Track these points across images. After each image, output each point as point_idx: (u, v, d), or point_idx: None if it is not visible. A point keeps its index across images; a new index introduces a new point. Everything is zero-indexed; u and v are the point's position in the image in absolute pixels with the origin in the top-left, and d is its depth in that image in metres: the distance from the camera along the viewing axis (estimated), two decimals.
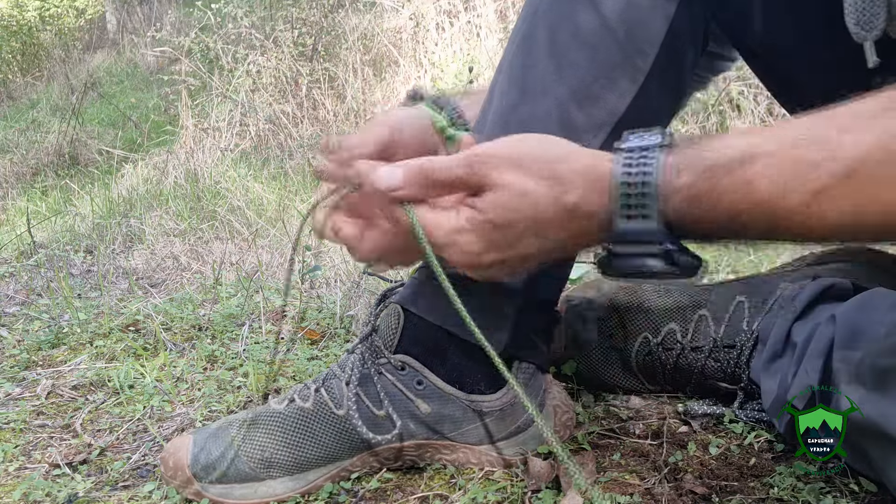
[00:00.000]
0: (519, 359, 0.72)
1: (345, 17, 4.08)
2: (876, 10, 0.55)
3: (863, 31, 0.56)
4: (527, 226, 0.49)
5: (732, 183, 0.44)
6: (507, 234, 0.50)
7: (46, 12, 7.81)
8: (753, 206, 0.44)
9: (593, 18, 0.63)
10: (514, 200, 0.49)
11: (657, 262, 0.48)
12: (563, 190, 0.48)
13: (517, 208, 0.49)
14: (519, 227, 0.50)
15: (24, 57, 7.32)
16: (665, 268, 0.48)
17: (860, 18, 0.56)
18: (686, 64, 0.68)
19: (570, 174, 0.49)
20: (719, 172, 0.44)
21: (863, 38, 0.56)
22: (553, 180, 0.48)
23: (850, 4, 0.56)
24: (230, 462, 0.69)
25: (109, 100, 5.35)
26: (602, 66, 0.63)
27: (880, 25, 0.55)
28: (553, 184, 0.48)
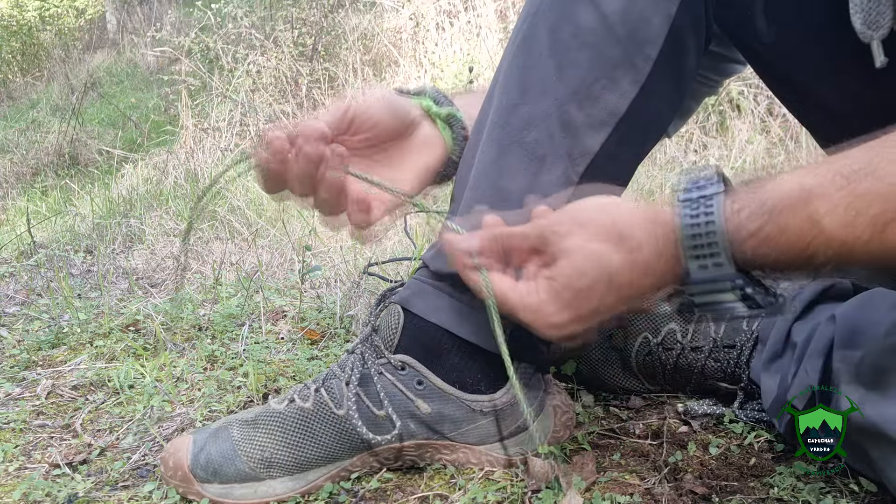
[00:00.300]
0: (519, 359, 0.72)
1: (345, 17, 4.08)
2: (882, 8, 0.55)
3: (869, 31, 0.56)
4: (604, 287, 0.52)
5: (800, 224, 0.46)
6: (587, 297, 0.52)
7: (46, 12, 7.81)
8: (823, 243, 0.46)
9: (594, 18, 0.63)
10: (587, 265, 0.52)
11: (738, 305, 0.50)
12: (632, 247, 0.51)
13: (591, 272, 0.51)
14: (597, 289, 0.52)
15: (24, 57, 7.32)
16: (747, 311, 0.50)
17: (867, 18, 0.56)
18: (688, 64, 0.68)
19: (634, 231, 0.51)
20: (785, 214, 0.46)
21: (869, 37, 0.56)
22: (620, 239, 0.51)
23: (855, 4, 0.56)
24: (230, 462, 0.69)
25: (109, 100, 5.35)
26: (603, 66, 0.63)
27: (887, 24, 0.55)
28: (621, 243, 0.51)
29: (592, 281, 0.52)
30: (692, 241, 0.48)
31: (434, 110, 0.74)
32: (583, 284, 0.52)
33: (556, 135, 0.65)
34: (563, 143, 0.65)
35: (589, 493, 0.66)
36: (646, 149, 0.72)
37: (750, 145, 2.77)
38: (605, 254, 0.51)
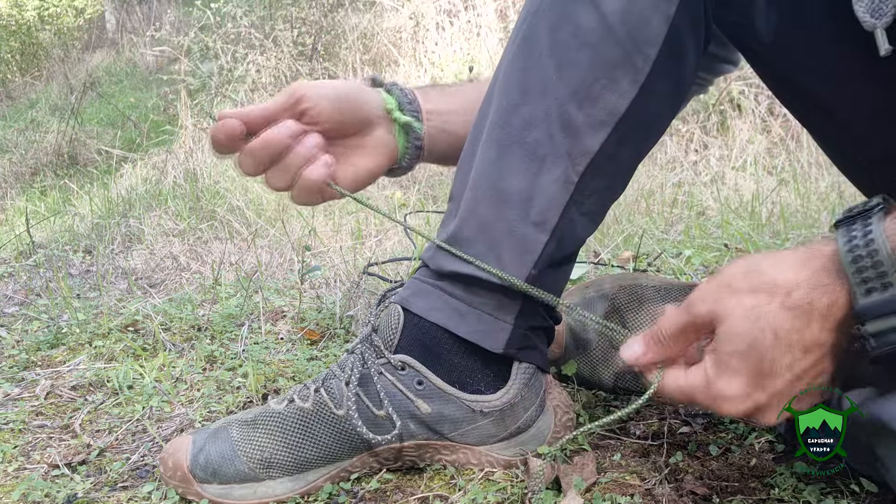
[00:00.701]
0: (519, 359, 0.72)
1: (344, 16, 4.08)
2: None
3: (872, 19, 0.55)
4: (770, 343, 0.47)
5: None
6: (755, 358, 0.48)
7: (45, 12, 7.81)
8: None
9: (594, 18, 0.63)
10: (744, 324, 0.48)
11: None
12: (788, 290, 0.47)
13: (751, 329, 0.48)
14: (762, 346, 0.48)
15: (23, 56, 7.31)
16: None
17: (870, 6, 0.55)
18: (687, 64, 0.68)
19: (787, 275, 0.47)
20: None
21: (872, 25, 0.55)
22: (773, 287, 0.47)
23: None
24: (229, 462, 0.69)
25: (108, 99, 5.35)
26: (603, 66, 0.63)
27: (891, 12, 0.54)
28: (774, 290, 0.47)
29: (754, 339, 0.48)
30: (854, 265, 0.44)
31: (395, 115, 0.76)
32: (745, 345, 0.48)
33: (557, 135, 0.65)
34: (564, 143, 0.65)
35: (589, 494, 0.66)
36: (646, 148, 0.72)
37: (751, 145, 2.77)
38: (759, 306, 0.47)
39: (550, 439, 0.74)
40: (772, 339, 0.47)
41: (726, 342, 0.49)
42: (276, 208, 2.31)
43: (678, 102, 0.72)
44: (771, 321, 0.47)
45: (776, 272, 0.47)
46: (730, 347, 0.49)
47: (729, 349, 0.49)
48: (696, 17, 0.67)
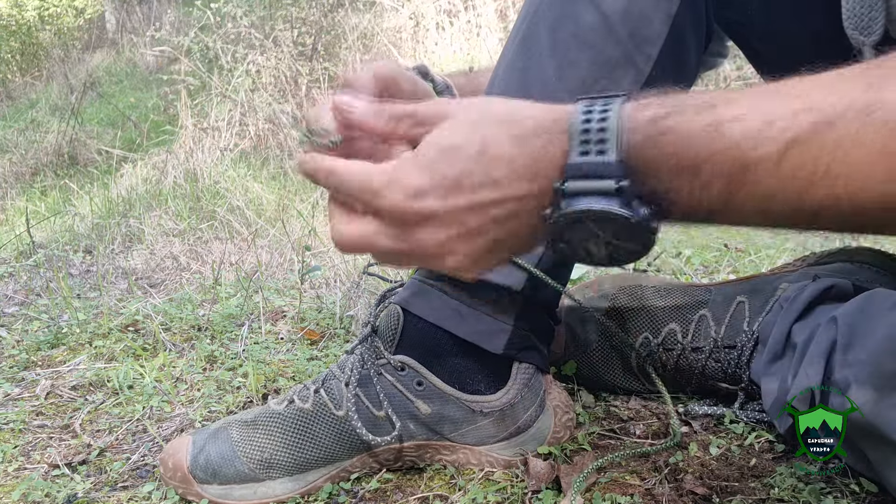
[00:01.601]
0: (519, 360, 0.72)
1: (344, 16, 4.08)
2: (874, 14, 0.55)
3: (861, 36, 0.56)
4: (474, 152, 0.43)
5: (702, 125, 0.40)
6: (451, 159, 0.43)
7: (46, 12, 7.81)
8: (721, 152, 0.39)
9: (595, 18, 0.63)
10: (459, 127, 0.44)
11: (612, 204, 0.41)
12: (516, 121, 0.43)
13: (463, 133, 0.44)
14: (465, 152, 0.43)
15: (23, 56, 7.31)
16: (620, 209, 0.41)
17: (858, 23, 0.56)
18: (689, 63, 0.68)
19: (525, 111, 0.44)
20: (688, 112, 0.40)
21: (861, 42, 0.56)
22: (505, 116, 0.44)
23: (847, 10, 0.56)
24: (229, 463, 0.69)
25: (109, 99, 5.35)
26: (603, 66, 0.63)
27: (878, 30, 0.55)
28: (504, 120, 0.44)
29: (461, 141, 0.43)
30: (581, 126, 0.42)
31: None
32: (448, 143, 0.43)
33: None
34: None
35: (589, 494, 0.66)
36: None
37: None
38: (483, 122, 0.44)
39: (550, 439, 0.74)
40: (476, 150, 0.43)
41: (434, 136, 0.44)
42: (276, 208, 2.31)
43: None
44: (487, 135, 0.43)
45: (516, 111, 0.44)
46: (433, 138, 0.44)
47: (431, 139, 0.44)
48: (697, 15, 0.67)
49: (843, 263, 0.81)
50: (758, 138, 0.39)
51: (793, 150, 0.38)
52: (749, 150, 0.39)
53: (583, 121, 0.42)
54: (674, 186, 0.41)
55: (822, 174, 0.38)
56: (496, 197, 0.43)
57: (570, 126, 0.42)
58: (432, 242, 0.45)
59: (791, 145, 0.38)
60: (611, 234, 0.43)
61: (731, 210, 0.41)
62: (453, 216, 0.44)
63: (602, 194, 0.41)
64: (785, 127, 0.38)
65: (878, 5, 0.55)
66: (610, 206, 0.41)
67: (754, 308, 0.79)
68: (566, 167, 0.42)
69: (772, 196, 0.40)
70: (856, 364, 0.61)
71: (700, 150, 0.40)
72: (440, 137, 0.44)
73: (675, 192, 0.41)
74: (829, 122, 0.37)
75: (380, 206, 0.44)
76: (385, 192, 0.44)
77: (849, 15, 0.56)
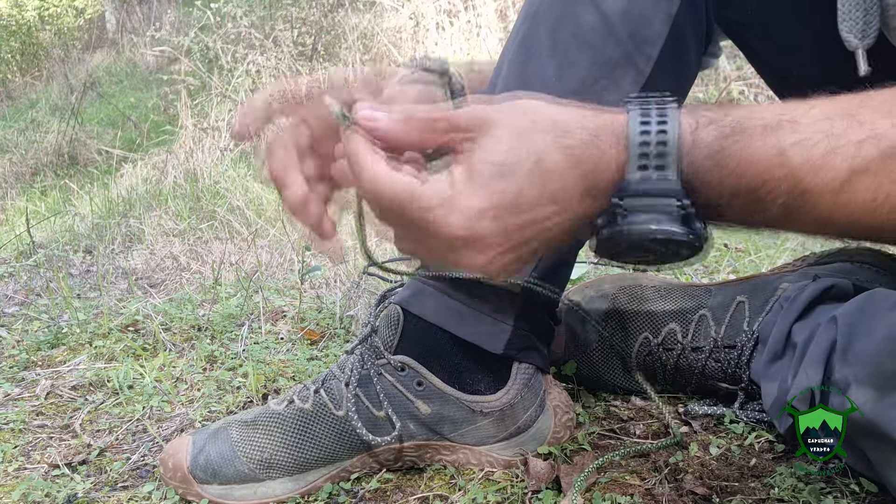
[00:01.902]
0: (519, 360, 0.72)
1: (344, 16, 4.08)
2: (869, 18, 0.55)
3: (855, 40, 0.56)
4: (529, 168, 0.41)
5: (763, 148, 0.39)
6: (508, 177, 0.41)
7: (46, 12, 7.81)
8: (782, 178, 0.39)
9: (595, 18, 0.63)
10: (512, 139, 0.42)
11: (672, 224, 0.41)
12: (565, 131, 0.42)
13: (517, 146, 0.41)
14: (520, 169, 0.41)
15: (23, 56, 7.32)
16: (681, 230, 0.41)
17: (853, 27, 0.56)
18: (689, 63, 0.68)
19: (572, 118, 0.42)
20: (751, 134, 0.40)
21: (855, 45, 0.56)
22: (554, 125, 0.42)
23: (843, 13, 0.56)
24: (229, 463, 0.69)
25: (109, 99, 5.35)
26: (603, 66, 0.63)
27: (872, 34, 0.55)
28: (554, 129, 0.42)
29: (517, 158, 0.41)
30: (639, 139, 0.41)
31: None
32: (504, 160, 0.41)
33: None
34: None
35: (589, 494, 0.66)
36: None
37: None
38: (535, 132, 0.42)
39: (550, 439, 0.74)
40: (532, 166, 0.41)
41: (487, 150, 0.42)
42: (276, 208, 2.31)
43: (680, 102, 0.72)
44: (540, 148, 0.41)
45: (565, 118, 0.42)
46: (488, 156, 0.42)
47: (485, 157, 0.42)
48: (697, 15, 0.67)
49: (843, 263, 0.81)
50: (820, 167, 0.39)
51: (854, 178, 0.39)
52: (809, 176, 0.39)
53: (641, 132, 0.41)
54: (729, 204, 0.41)
55: (882, 201, 0.39)
56: (550, 213, 0.42)
57: (628, 139, 0.41)
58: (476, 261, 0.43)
59: (854, 174, 0.39)
60: (664, 247, 0.42)
61: (785, 227, 0.42)
62: (505, 235, 0.42)
63: (662, 212, 0.41)
64: (849, 156, 0.39)
65: (873, 10, 0.55)
66: (671, 227, 0.41)
67: (754, 308, 0.79)
68: (624, 184, 0.41)
69: (829, 219, 0.41)
70: (856, 364, 0.61)
71: (761, 175, 0.40)
72: (492, 153, 0.42)
73: (730, 208, 0.41)
74: (893, 153, 0.38)
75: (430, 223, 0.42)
76: (439, 212, 0.42)
77: (844, 18, 0.56)
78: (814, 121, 0.40)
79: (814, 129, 0.40)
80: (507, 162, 0.41)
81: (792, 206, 0.40)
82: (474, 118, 0.43)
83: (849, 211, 0.40)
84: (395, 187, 0.43)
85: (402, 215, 0.43)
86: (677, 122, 0.41)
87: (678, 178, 0.40)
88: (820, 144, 0.39)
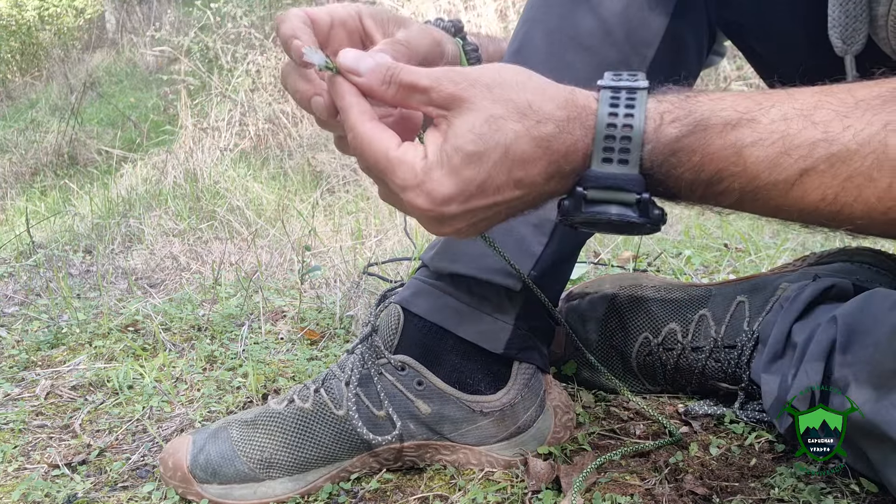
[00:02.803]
0: (519, 360, 0.72)
1: None
2: (858, 25, 0.56)
3: (845, 46, 0.57)
4: (498, 157, 0.44)
5: (723, 146, 0.42)
6: (477, 164, 0.44)
7: (45, 12, 7.81)
8: (738, 174, 0.42)
9: (592, 22, 0.63)
10: (484, 126, 0.44)
11: (630, 212, 0.45)
12: (538, 120, 0.44)
13: (488, 135, 0.44)
14: (489, 157, 0.44)
15: (23, 56, 7.32)
16: (638, 219, 0.45)
17: (842, 33, 0.57)
18: (688, 63, 0.68)
19: (546, 106, 0.44)
20: (711, 132, 0.43)
21: (844, 51, 0.57)
22: (526, 109, 0.44)
23: (834, 19, 0.57)
24: (229, 463, 0.69)
25: (108, 99, 5.35)
26: (600, 68, 0.63)
27: (861, 41, 0.56)
28: (526, 114, 0.44)
29: (487, 147, 0.43)
30: (605, 132, 0.43)
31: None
32: (474, 149, 0.44)
33: None
34: None
35: (589, 494, 0.66)
36: None
37: None
38: (506, 119, 0.44)
39: (550, 439, 0.74)
40: (500, 156, 0.44)
41: (458, 136, 0.44)
42: (276, 208, 2.31)
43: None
44: (510, 138, 0.43)
45: (537, 99, 0.44)
46: (459, 142, 0.44)
47: (457, 144, 0.44)
48: (696, 16, 0.67)
49: (843, 263, 0.81)
50: (774, 165, 0.42)
51: (805, 178, 0.41)
52: (764, 174, 0.42)
53: (608, 124, 0.44)
54: (686, 193, 0.44)
55: (831, 201, 0.42)
56: (516, 195, 0.45)
57: (595, 126, 0.44)
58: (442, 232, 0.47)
59: (805, 174, 0.41)
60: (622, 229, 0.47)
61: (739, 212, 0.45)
62: (472, 213, 0.46)
63: (622, 204, 0.45)
64: (802, 156, 0.41)
65: (862, 17, 0.56)
66: (628, 215, 0.45)
67: (754, 308, 0.79)
68: (588, 174, 0.45)
69: (778, 209, 0.44)
70: (855, 363, 0.61)
71: (719, 169, 0.43)
72: (463, 139, 0.44)
73: (687, 198, 0.45)
74: (845, 158, 0.41)
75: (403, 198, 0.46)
76: (410, 194, 0.45)
77: (834, 24, 0.57)
78: (772, 121, 0.42)
79: (771, 130, 0.42)
80: (476, 151, 0.44)
81: (745, 199, 0.44)
82: (449, 97, 0.45)
83: (800, 206, 0.43)
84: (376, 153, 0.46)
85: (379, 179, 0.47)
86: (643, 114, 0.43)
87: (639, 171, 0.44)
88: (776, 144, 0.42)
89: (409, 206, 0.46)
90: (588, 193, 0.45)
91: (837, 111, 0.41)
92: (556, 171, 0.45)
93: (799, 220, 0.45)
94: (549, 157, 0.44)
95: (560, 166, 0.45)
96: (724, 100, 0.44)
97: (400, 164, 0.45)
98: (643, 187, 0.44)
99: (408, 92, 0.46)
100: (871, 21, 0.55)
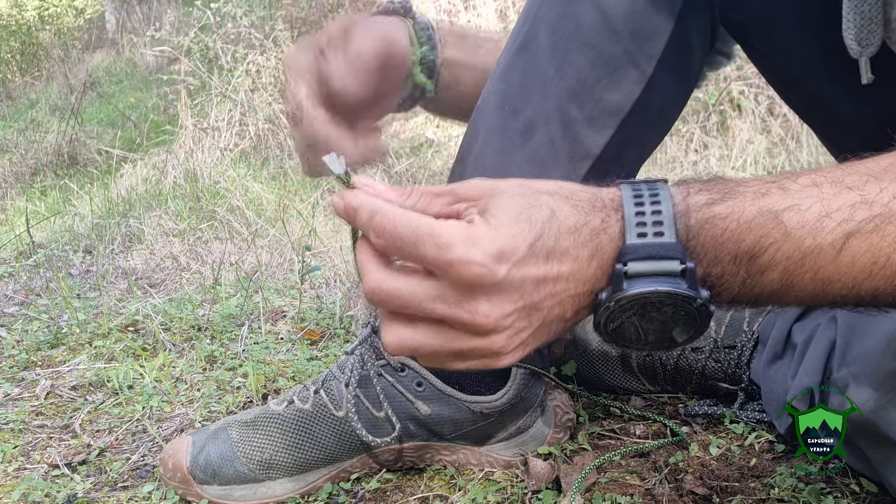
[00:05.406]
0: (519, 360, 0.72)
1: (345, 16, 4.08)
2: (873, 27, 0.56)
3: (859, 47, 0.56)
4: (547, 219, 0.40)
5: (759, 213, 0.40)
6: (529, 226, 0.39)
7: (46, 12, 7.81)
8: (780, 241, 0.39)
9: (596, 17, 0.62)
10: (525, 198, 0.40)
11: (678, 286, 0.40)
12: (568, 196, 0.42)
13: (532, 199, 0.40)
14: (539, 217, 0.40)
15: (23, 56, 7.32)
16: (688, 290, 0.40)
17: (858, 34, 0.56)
18: (693, 62, 0.68)
19: (573, 190, 0.42)
20: (743, 200, 0.40)
21: (859, 53, 0.57)
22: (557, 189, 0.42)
23: (849, 21, 0.56)
24: (229, 463, 0.69)
25: (108, 99, 5.35)
26: (605, 65, 0.63)
27: (876, 43, 0.56)
28: (559, 191, 0.42)
29: (532, 206, 0.40)
30: (635, 215, 0.40)
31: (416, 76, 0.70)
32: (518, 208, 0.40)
33: (557, 138, 0.64)
34: (564, 146, 0.64)
35: (589, 494, 0.66)
36: (649, 148, 0.71)
37: (751, 145, 2.77)
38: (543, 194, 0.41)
39: (550, 439, 0.74)
40: (548, 216, 0.40)
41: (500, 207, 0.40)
42: (276, 208, 2.31)
43: (683, 101, 0.72)
44: (552, 203, 0.40)
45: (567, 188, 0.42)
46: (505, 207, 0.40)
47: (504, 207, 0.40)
48: (701, 13, 0.66)
49: None
50: (817, 229, 0.39)
51: (852, 241, 0.39)
52: (807, 239, 0.39)
53: (635, 203, 0.41)
54: (730, 271, 0.41)
55: (884, 263, 0.39)
56: (563, 270, 0.40)
57: (623, 208, 0.41)
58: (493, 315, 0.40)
59: (850, 236, 0.39)
60: (668, 318, 0.42)
61: (788, 294, 0.41)
62: (521, 289, 0.40)
63: (667, 275, 0.40)
64: (844, 219, 0.39)
65: (877, 18, 0.55)
66: (676, 287, 0.40)
67: (754, 308, 0.79)
68: (624, 248, 0.40)
69: (829, 281, 0.40)
70: (855, 364, 0.61)
71: (759, 237, 0.40)
72: (508, 205, 0.40)
73: (731, 276, 0.41)
74: (890, 219, 0.39)
75: (450, 262, 0.39)
76: (461, 248, 0.38)
77: (849, 26, 0.56)
78: (802, 187, 0.40)
79: (804, 195, 0.40)
80: (523, 212, 0.40)
81: (793, 272, 0.40)
82: (478, 188, 0.42)
83: (853, 273, 0.40)
84: (411, 220, 0.40)
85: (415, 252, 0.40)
86: (668, 193, 0.41)
87: (677, 240, 0.40)
88: (813, 209, 0.39)
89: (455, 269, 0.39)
90: (628, 267, 0.40)
91: (868, 175, 0.40)
92: (596, 249, 0.41)
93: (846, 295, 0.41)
94: (588, 227, 0.41)
95: (598, 243, 0.41)
96: (746, 179, 0.42)
97: (442, 225, 0.39)
98: (684, 255, 0.40)
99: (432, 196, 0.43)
100: (885, 24, 0.55)
